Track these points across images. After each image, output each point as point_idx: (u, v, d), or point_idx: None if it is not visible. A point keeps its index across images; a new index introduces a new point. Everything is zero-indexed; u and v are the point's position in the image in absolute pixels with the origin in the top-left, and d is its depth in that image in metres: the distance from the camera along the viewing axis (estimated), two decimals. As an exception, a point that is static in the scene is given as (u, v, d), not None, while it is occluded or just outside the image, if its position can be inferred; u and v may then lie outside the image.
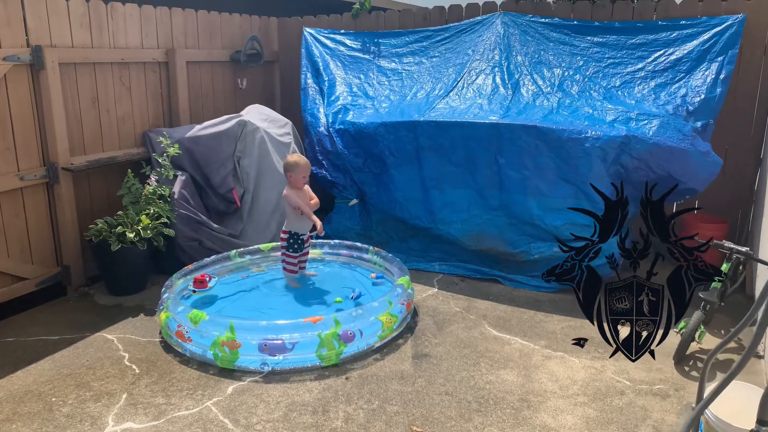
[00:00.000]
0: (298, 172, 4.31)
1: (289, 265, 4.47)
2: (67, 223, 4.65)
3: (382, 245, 5.41)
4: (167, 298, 3.94)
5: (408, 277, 4.21)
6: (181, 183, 4.92)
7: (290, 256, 4.45)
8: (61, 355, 3.72)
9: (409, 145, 5.05)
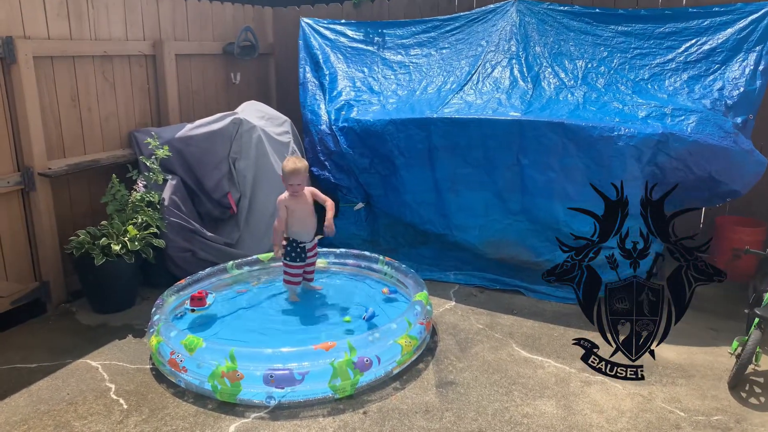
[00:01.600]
0: (285, 179, 3.92)
1: (288, 275, 4.06)
2: (45, 234, 4.20)
3: (390, 252, 5.00)
4: (158, 320, 3.51)
5: (426, 292, 3.80)
6: (171, 188, 4.48)
7: (290, 266, 4.03)
8: (39, 387, 3.28)
9: (420, 144, 4.63)
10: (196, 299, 3.77)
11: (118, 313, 4.21)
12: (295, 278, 4.07)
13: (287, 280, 4.07)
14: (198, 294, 3.79)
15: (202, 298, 3.78)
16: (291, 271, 4.05)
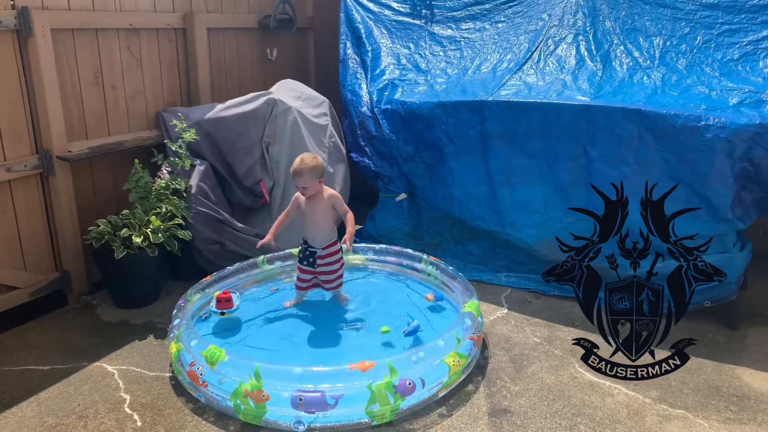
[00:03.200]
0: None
1: (297, 279, 3.72)
2: (65, 222, 3.91)
3: (433, 248, 4.57)
4: (178, 324, 3.17)
5: (477, 302, 3.36)
6: (199, 174, 4.12)
7: (298, 268, 3.70)
8: (49, 394, 3.00)
9: (472, 131, 4.15)
10: (223, 301, 3.42)
11: (141, 308, 3.91)
12: (300, 282, 3.68)
13: (296, 282, 3.73)
14: (224, 294, 3.44)
15: (230, 299, 3.43)
16: (298, 273, 3.70)
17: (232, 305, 3.42)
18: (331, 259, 3.62)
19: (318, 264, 3.59)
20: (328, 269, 3.62)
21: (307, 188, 3.41)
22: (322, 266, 3.60)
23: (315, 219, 3.55)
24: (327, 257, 3.60)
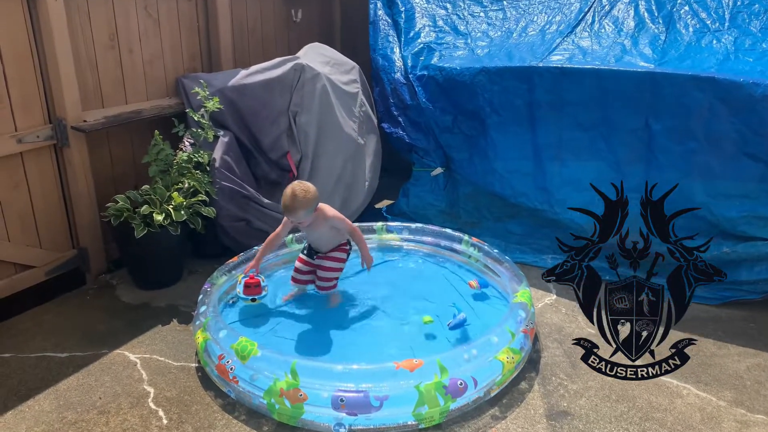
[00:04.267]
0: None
1: (295, 267, 3.43)
2: (82, 196, 3.65)
3: (471, 227, 4.27)
4: (205, 311, 2.92)
5: (529, 290, 3.08)
6: (223, 146, 3.83)
7: (299, 257, 3.42)
8: (68, 385, 2.78)
9: (519, 100, 3.81)
10: (252, 286, 3.16)
11: (163, 289, 3.68)
12: (296, 273, 3.38)
13: (293, 273, 3.43)
14: (252, 279, 3.18)
15: (258, 284, 3.17)
16: (296, 263, 3.40)
17: (261, 290, 3.17)
18: (329, 264, 3.32)
19: (317, 256, 3.32)
20: (327, 264, 3.31)
21: (302, 223, 3.11)
22: (321, 259, 3.31)
23: (319, 237, 3.29)
24: (326, 259, 3.32)
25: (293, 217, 3.03)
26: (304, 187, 2.99)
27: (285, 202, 2.99)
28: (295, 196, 2.95)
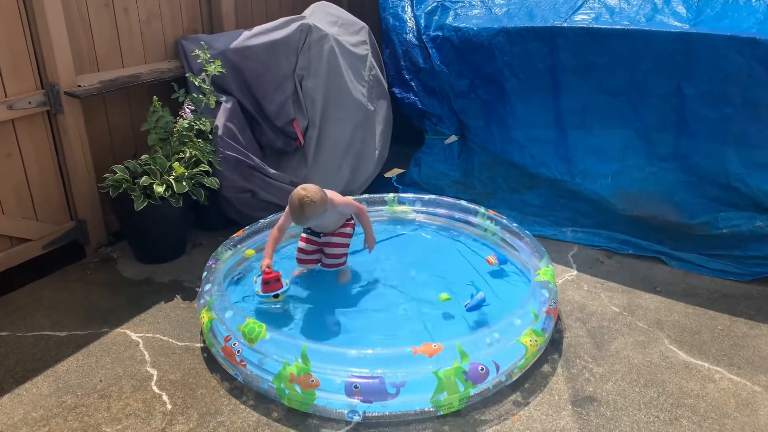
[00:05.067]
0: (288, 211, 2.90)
1: (298, 250, 3.22)
2: (78, 166, 3.48)
3: (485, 197, 4.09)
4: (210, 290, 2.77)
5: (552, 268, 2.90)
6: (226, 113, 3.63)
7: (302, 238, 3.21)
8: (67, 366, 2.65)
9: (541, 63, 3.57)
10: (272, 281, 2.86)
11: (166, 263, 3.53)
12: (300, 254, 3.17)
13: (297, 254, 3.22)
14: (269, 275, 2.86)
15: (278, 278, 2.88)
16: (299, 243, 3.20)
17: (282, 284, 2.89)
18: (336, 239, 3.12)
19: (324, 234, 3.13)
20: (335, 241, 3.12)
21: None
22: (328, 236, 3.12)
23: (325, 223, 3.08)
24: (333, 235, 3.13)
25: (305, 224, 2.86)
26: (308, 194, 2.76)
27: (294, 214, 2.79)
28: (303, 207, 2.74)
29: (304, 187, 2.80)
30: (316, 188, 2.81)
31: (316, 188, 2.82)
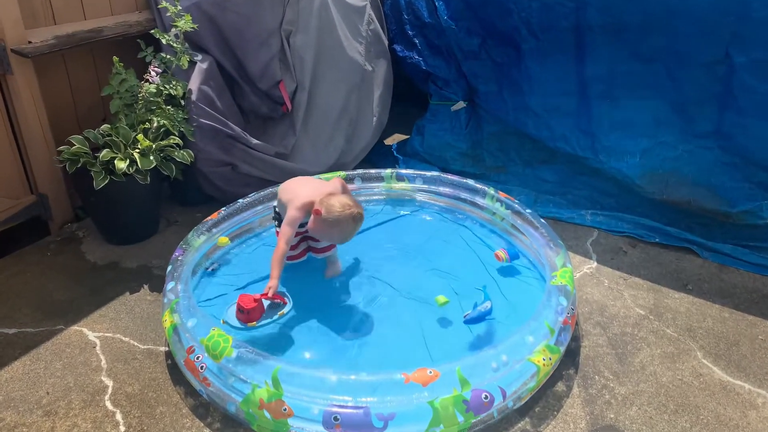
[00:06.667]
0: (330, 232, 2.41)
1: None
2: (34, 135, 3.07)
3: (495, 171, 3.67)
4: (174, 288, 2.40)
5: (571, 267, 2.51)
6: (201, 74, 3.18)
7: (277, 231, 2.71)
8: (12, 374, 2.32)
9: (564, 21, 3.08)
10: (253, 309, 2.36)
11: (136, 244, 3.16)
12: (291, 249, 2.67)
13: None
14: (248, 302, 2.36)
15: (260, 304, 2.39)
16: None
17: (262, 310, 2.41)
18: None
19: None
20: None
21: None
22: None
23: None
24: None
25: (340, 235, 2.44)
26: (358, 208, 2.40)
27: (348, 233, 2.40)
28: (358, 223, 2.40)
29: (343, 203, 2.35)
30: (348, 196, 2.45)
31: (348, 196, 2.45)
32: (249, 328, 2.39)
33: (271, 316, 2.43)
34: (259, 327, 2.40)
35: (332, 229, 2.37)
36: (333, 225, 2.35)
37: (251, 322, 2.38)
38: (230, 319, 2.41)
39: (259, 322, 2.40)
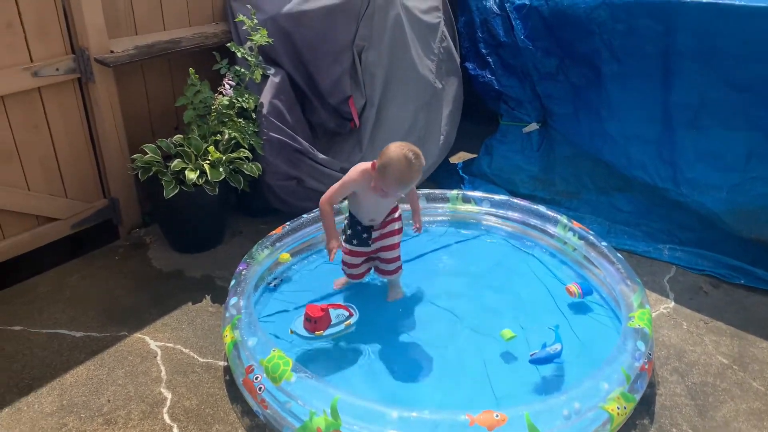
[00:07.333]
0: (381, 178, 2.31)
1: (344, 263, 2.69)
2: (111, 141, 3.15)
3: (567, 197, 3.53)
4: (236, 303, 2.38)
5: (649, 308, 2.35)
6: (273, 88, 3.18)
7: (345, 251, 2.65)
8: (76, 378, 2.36)
9: (651, 45, 2.93)
10: (320, 318, 2.32)
11: (200, 253, 3.19)
12: (351, 269, 2.67)
13: (343, 267, 2.71)
14: (316, 311, 2.33)
15: (327, 314, 2.35)
16: (344, 256, 2.66)
17: (329, 320, 2.36)
18: (392, 228, 2.59)
19: (374, 239, 2.60)
20: (389, 243, 2.60)
21: (390, 194, 2.38)
22: (378, 240, 2.60)
23: (379, 207, 2.54)
24: (384, 238, 2.59)
25: (405, 188, 2.33)
26: (414, 148, 2.31)
27: (406, 180, 2.27)
28: (420, 160, 2.28)
29: (396, 146, 2.30)
30: (404, 143, 2.35)
31: (404, 143, 2.35)
32: (316, 338, 2.35)
33: (338, 326, 2.38)
34: (326, 337, 2.35)
35: (389, 177, 2.26)
36: (388, 169, 2.25)
37: (318, 331, 2.33)
38: (298, 328, 2.37)
39: (325, 332, 2.35)
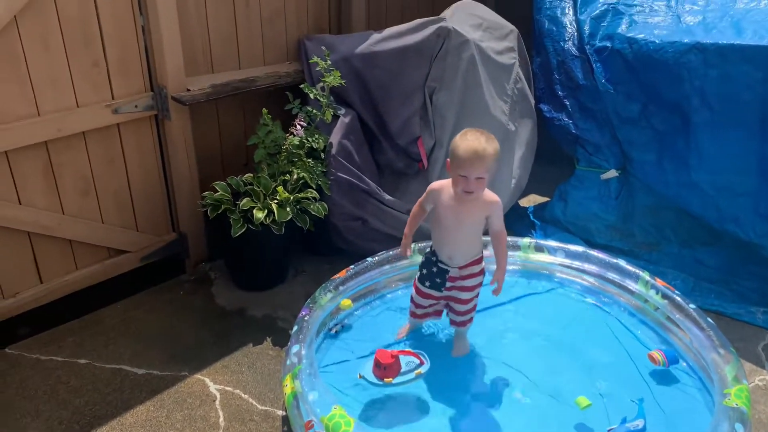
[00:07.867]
0: (453, 163, 2.22)
1: (411, 301, 2.57)
2: (182, 176, 3.19)
3: (647, 249, 3.32)
4: (297, 351, 2.31)
5: (747, 384, 2.12)
6: (343, 129, 3.16)
7: (415, 288, 2.53)
8: (136, 418, 2.33)
9: (747, 93, 2.73)
10: (389, 365, 2.24)
11: (263, 292, 3.16)
12: (416, 308, 2.56)
13: (410, 306, 2.60)
14: (388, 358, 2.25)
15: (397, 361, 2.27)
16: (414, 295, 2.54)
17: (399, 367, 2.28)
18: (469, 283, 2.42)
19: (448, 287, 2.44)
20: (463, 296, 2.45)
21: (479, 182, 2.17)
22: (453, 289, 2.44)
23: (460, 230, 2.34)
24: (463, 279, 2.41)
25: (481, 166, 2.14)
26: (485, 132, 2.21)
27: (469, 146, 2.13)
28: (480, 140, 2.14)
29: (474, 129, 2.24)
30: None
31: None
32: (385, 385, 2.25)
33: (409, 374, 2.27)
34: (395, 385, 2.25)
35: (452, 154, 2.20)
36: (454, 152, 2.19)
37: (387, 378, 2.24)
38: (367, 374, 2.28)
39: (395, 380, 2.24)
